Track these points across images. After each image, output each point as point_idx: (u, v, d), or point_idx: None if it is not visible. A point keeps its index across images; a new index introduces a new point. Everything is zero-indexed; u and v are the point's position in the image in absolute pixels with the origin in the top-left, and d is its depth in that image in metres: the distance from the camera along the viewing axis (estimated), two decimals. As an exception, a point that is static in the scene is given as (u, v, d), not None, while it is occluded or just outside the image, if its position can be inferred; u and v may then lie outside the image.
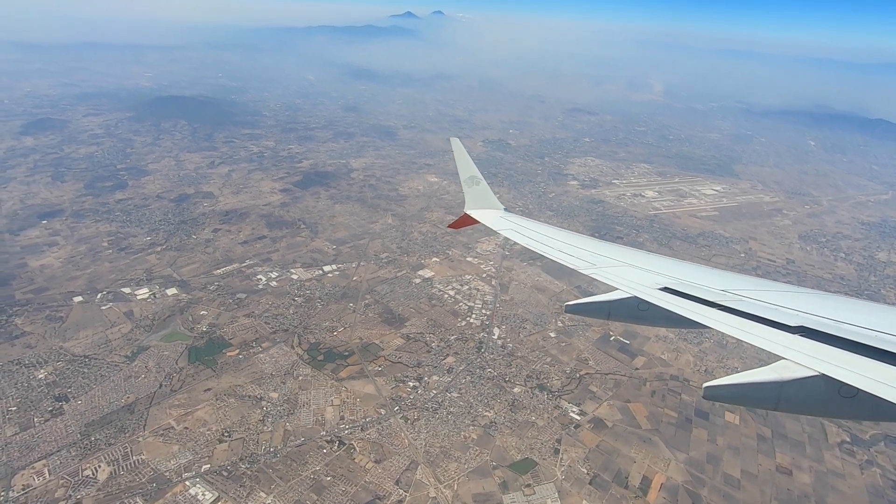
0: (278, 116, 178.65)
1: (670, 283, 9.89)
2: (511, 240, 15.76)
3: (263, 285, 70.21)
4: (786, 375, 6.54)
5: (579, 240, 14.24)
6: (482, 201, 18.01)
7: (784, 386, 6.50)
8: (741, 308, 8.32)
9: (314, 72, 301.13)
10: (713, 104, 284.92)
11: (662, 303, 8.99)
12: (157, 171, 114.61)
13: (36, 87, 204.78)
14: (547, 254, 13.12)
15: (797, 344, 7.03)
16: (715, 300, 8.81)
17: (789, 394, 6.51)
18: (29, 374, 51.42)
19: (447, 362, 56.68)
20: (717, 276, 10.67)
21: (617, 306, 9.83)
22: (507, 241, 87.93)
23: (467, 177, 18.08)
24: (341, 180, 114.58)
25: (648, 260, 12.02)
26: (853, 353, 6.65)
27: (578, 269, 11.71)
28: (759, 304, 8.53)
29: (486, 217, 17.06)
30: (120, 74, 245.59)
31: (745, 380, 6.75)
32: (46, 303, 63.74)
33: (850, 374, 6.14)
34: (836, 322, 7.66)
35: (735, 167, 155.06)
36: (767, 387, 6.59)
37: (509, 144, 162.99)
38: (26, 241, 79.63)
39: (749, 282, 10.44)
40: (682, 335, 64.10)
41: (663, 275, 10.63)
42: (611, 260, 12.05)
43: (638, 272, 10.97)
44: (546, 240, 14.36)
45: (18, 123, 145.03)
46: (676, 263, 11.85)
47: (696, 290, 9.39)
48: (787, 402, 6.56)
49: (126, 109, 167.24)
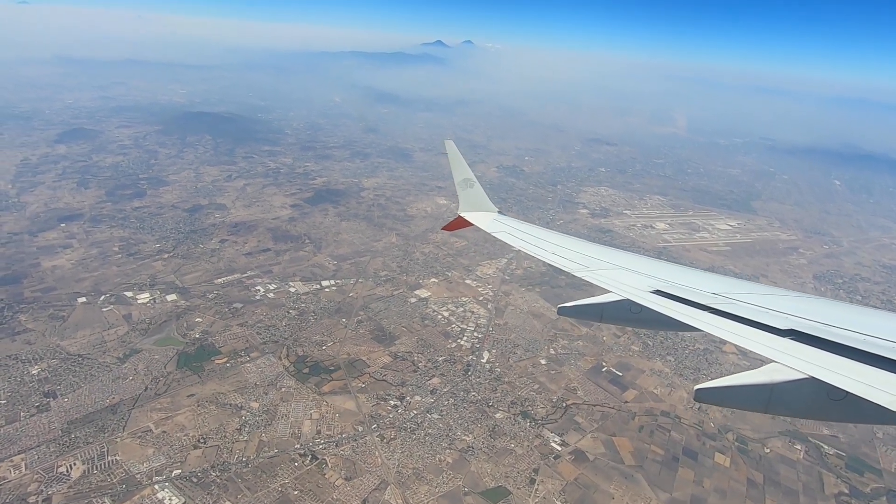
0: (299, 135, 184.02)
1: (662, 286, 9.99)
2: (511, 265, 15.83)
3: (260, 296, 71.25)
4: (776, 378, 6.61)
5: (573, 242, 14.24)
6: (476, 204, 18.06)
7: (774, 388, 6.59)
8: (732, 311, 8.42)
9: (340, 94, 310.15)
10: (737, 140, 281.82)
11: (654, 305, 9.11)
12: (176, 181, 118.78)
13: (77, 99, 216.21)
14: (540, 256, 13.17)
15: (787, 347, 7.09)
16: (706, 303, 8.93)
17: (779, 396, 6.60)
18: (23, 370, 52.94)
19: (432, 383, 56.12)
20: (708, 280, 10.73)
21: (610, 308, 10.00)
22: (508, 265, 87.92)
23: (461, 179, 18.12)
24: (351, 198, 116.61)
25: (641, 263, 12.09)
26: (842, 356, 6.71)
27: (571, 271, 11.76)
28: (750, 307, 8.61)
29: (480, 219, 17.12)
30: (156, 90, 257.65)
31: (736, 382, 6.84)
32: (52, 302, 65.92)
33: (839, 377, 6.21)
34: (825, 325, 7.74)
35: (753, 203, 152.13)
36: (758, 389, 6.67)
37: (523, 171, 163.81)
38: (43, 242, 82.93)
39: (740, 285, 10.53)
40: (678, 371, 62.24)
41: (656, 278, 10.70)
42: (604, 263, 12.13)
43: (631, 275, 11.05)
44: (539, 242, 14.36)
45: (55, 132, 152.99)
46: (669, 266, 11.89)
47: (687, 293, 9.52)
48: (777, 404, 6.65)
49: (156, 123, 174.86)
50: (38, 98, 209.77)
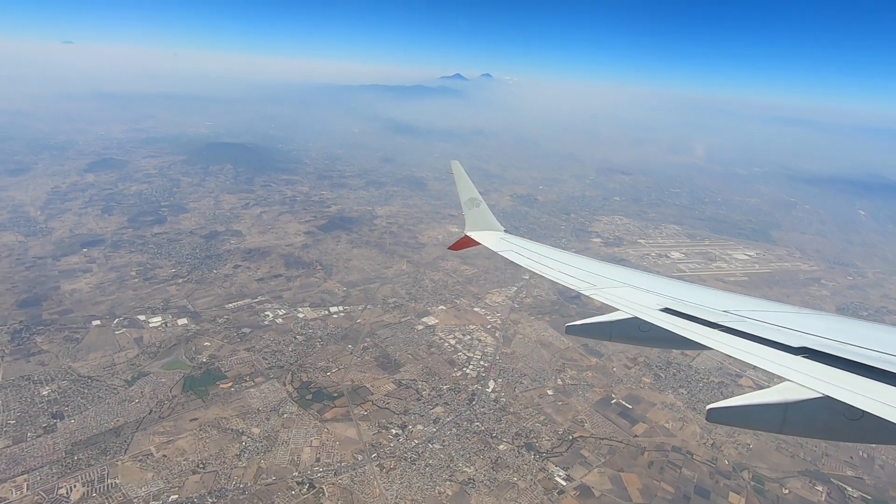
0: (317, 164, 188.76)
1: (671, 304, 9.89)
2: (521, 293, 15.89)
3: (269, 321, 71.88)
4: (789, 397, 6.43)
5: (580, 260, 14.16)
6: (483, 223, 18.08)
7: (788, 408, 6.39)
8: (743, 329, 8.29)
9: (359, 126, 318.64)
10: (756, 169, 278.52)
11: (663, 323, 8.97)
12: (195, 209, 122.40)
13: (109, 131, 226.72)
14: (546, 274, 13.08)
15: (800, 365, 6.94)
16: (716, 321, 8.77)
17: (794, 416, 6.39)
18: (34, 391, 53.96)
19: (435, 412, 55.24)
20: (718, 297, 10.65)
21: (618, 327, 9.82)
22: (517, 293, 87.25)
23: (467, 199, 18.16)
24: (364, 226, 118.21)
25: (650, 281, 11.96)
26: (858, 374, 6.53)
27: (579, 289, 11.70)
28: (762, 325, 8.47)
29: (487, 238, 17.11)
30: (183, 123, 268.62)
31: (750, 402, 6.63)
32: (68, 324, 67.60)
33: (855, 395, 6.04)
34: (839, 343, 7.58)
35: (772, 233, 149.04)
36: (772, 409, 6.47)
37: (536, 200, 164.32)
38: (65, 266, 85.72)
39: (751, 302, 10.32)
40: (692, 404, 60.11)
41: (664, 295, 10.61)
42: (611, 280, 12.00)
43: (639, 293, 10.95)
44: (546, 260, 14.28)
45: (85, 162, 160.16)
46: (678, 284, 11.79)
47: (697, 311, 9.39)
48: (792, 424, 6.45)
49: (181, 153, 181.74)
50: (73, 130, 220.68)
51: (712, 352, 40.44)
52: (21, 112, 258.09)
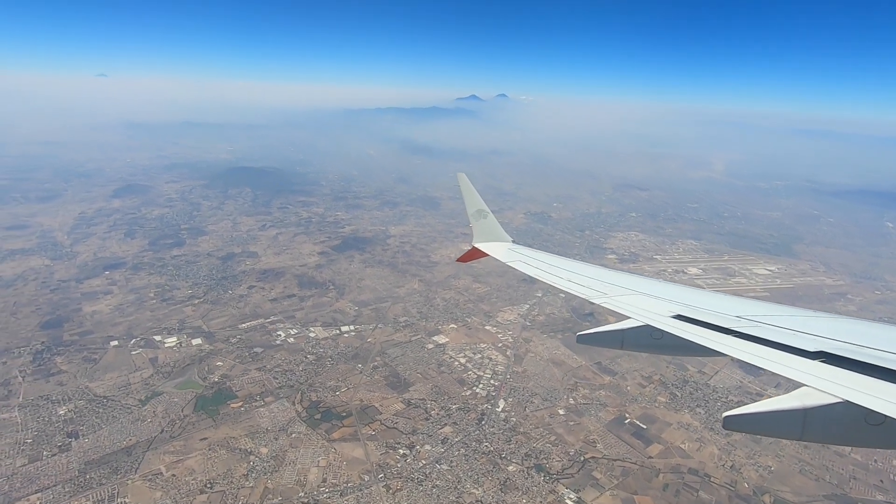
0: (333, 186, 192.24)
1: (683, 311, 9.79)
2: (534, 311, 15.75)
3: (281, 341, 72.54)
4: (808, 403, 6.29)
5: (589, 269, 14.03)
6: (490, 234, 17.97)
7: (808, 413, 6.25)
8: (758, 334, 8.18)
9: (376, 148, 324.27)
10: (778, 183, 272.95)
11: (676, 330, 8.88)
12: (214, 231, 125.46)
13: (135, 158, 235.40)
14: (556, 284, 12.99)
15: (818, 370, 6.84)
16: (730, 326, 8.67)
17: (813, 421, 6.25)
18: (52, 410, 55.25)
19: (443, 432, 54.58)
20: (731, 303, 10.51)
21: (630, 335, 9.78)
22: (530, 311, 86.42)
23: (474, 211, 18.08)
24: (377, 245, 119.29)
25: (661, 288, 11.86)
26: (878, 378, 6.40)
27: (589, 298, 11.56)
28: (777, 330, 8.38)
29: (495, 249, 16.98)
30: (205, 148, 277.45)
31: (768, 408, 6.50)
32: (87, 345, 69.36)
33: (876, 400, 5.90)
34: (857, 346, 7.45)
35: (795, 247, 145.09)
36: (790, 415, 6.32)
37: (551, 217, 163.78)
38: (87, 288, 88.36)
39: (764, 307, 10.20)
40: (709, 424, 58.10)
41: (676, 302, 10.50)
42: (622, 289, 11.89)
43: (650, 300, 10.86)
44: (555, 270, 14.15)
45: (111, 188, 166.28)
46: (689, 291, 11.68)
47: (710, 317, 9.29)
48: (812, 430, 6.31)
49: (202, 178, 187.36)
50: (102, 158, 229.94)
51: (731, 370, 40.02)
52: (54, 142, 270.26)
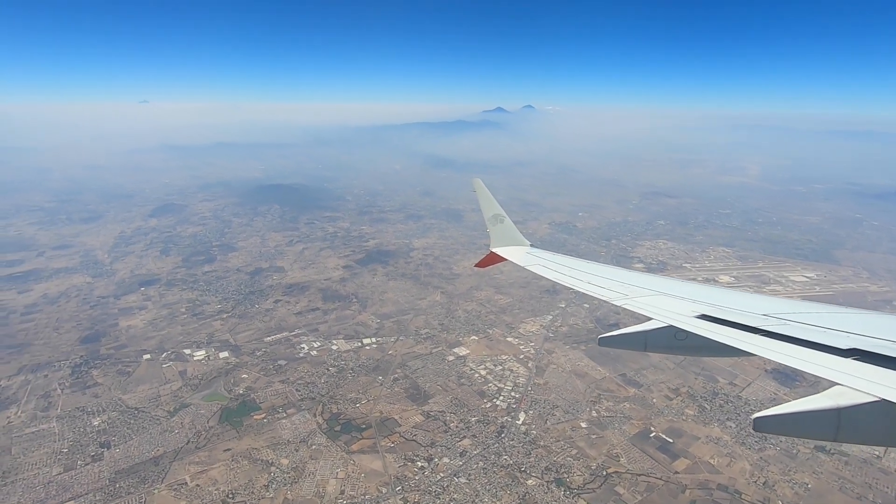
0: (359, 201, 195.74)
1: (708, 310, 9.57)
2: (556, 322, 15.59)
3: (304, 354, 73.79)
4: (842, 402, 6.05)
5: (609, 271, 13.85)
6: (508, 239, 17.82)
7: (842, 413, 6.00)
8: (786, 332, 7.92)
9: (401, 162, 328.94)
10: (817, 186, 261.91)
11: (700, 330, 8.66)
12: (243, 247, 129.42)
13: (173, 179, 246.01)
14: (576, 287, 12.81)
15: (851, 368, 6.58)
16: (757, 325, 8.43)
17: (849, 422, 5.99)
18: (87, 421, 57.67)
19: (462, 445, 54.13)
20: (757, 301, 10.30)
21: (653, 336, 9.61)
22: (552, 322, 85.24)
23: (491, 215, 18.00)
24: (400, 258, 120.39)
25: (683, 287, 11.67)
26: None
27: (610, 299, 11.38)
28: (806, 328, 8.12)
29: (513, 254, 16.84)
30: (238, 168, 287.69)
31: (800, 408, 6.24)
32: (122, 358, 72.29)
33: None
34: (892, 342, 7.23)
35: (835, 252, 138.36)
36: (824, 415, 6.07)
37: (576, 227, 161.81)
38: (124, 304, 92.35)
39: (792, 305, 9.93)
40: (741, 439, 55.60)
41: (700, 302, 10.29)
42: (643, 290, 11.68)
43: (673, 300, 10.65)
44: (574, 272, 13.95)
45: (149, 208, 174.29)
46: (713, 290, 11.54)
47: (735, 316, 9.04)
48: (848, 431, 6.06)
49: (234, 196, 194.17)
50: (141, 180, 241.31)
51: (765, 381, 38.53)
52: (98, 166, 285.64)
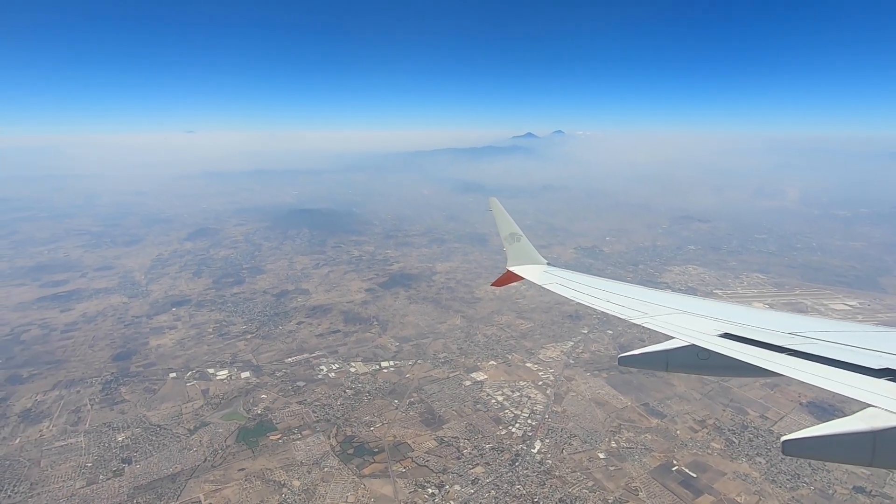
0: (385, 225, 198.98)
1: (731, 329, 9.37)
2: (578, 348, 15.51)
3: (322, 375, 74.50)
4: (877, 425, 5.78)
5: (629, 289, 13.67)
6: (524, 257, 17.51)
7: (878, 437, 5.72)
8: (813, 351, 7.68)
9: (430, 187, 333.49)
10: (862, 210, 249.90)
11: (723, 349, 8.46)
12: (271, 270, 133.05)
13: (210, 204, 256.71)
14: (595, 305, 12.64)
15: (885, 388, 6.25)
16: (783, 344, 8.19)
17: (885, 446, 5.70)
18: (112, 436, 59.57)
19: (475, 472, 53.05)
20: (782, 319, 10.07)
21: (674, 355, 9.53)
22: (573, 348, 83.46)
23: (507, 234, 17.75)
24: (422, 282, 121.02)
25: (705, 306, 11.48)
26: None
27: (629, 318, 11.14)
28: (834, 346, 7.86)
29: (530, 272, 16.59)
30: (272, 193, 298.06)
31: (832, 431, 5.97)
32: (149, 376, 74.76)
33: None
34: None
35: (881, 280, 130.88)
36: (858, 438, 5.81)
37: (602, 251, 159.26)
38: (156, 323, 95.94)
39: (820, 323, 9.61)
40: (771, 476, 52.41)
41: (722, 320, 10.09)
42: (664, 308, 11.47)
43: (695, 319, 10.46)
44: (593, 291, 13.74)
45: (186, 232, 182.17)
46: (736, 308, 11.33)
47: (760, 335, 8.81)
48: (884, 455, 5.76)
49: (266, 220, 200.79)
50: (181, 205, 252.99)
51: (799, 414, 37.03)
52: (143, 192, 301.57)
